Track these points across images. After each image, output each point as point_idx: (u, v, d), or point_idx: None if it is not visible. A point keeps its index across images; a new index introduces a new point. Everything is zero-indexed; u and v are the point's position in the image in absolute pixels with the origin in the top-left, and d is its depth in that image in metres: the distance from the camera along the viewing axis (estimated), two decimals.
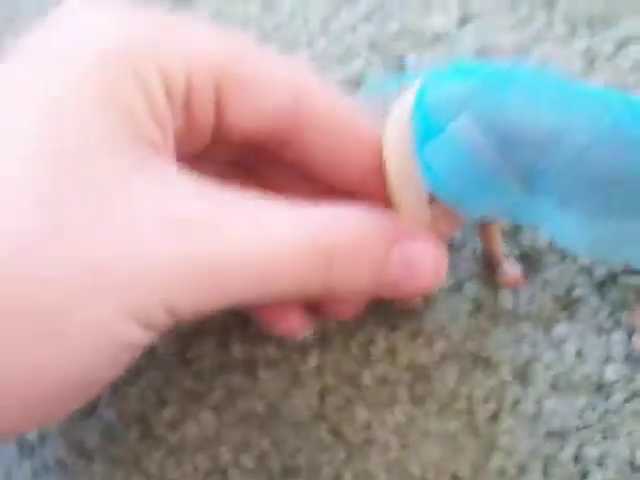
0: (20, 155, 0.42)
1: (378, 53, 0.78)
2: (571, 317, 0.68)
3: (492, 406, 0.58)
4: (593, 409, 0.62)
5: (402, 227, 0.57)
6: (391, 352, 0.61)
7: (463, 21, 0.81)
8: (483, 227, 0.75)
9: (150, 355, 0.56)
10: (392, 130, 0.69)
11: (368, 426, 0.56)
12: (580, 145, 0.64)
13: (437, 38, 0.85)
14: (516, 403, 0.58)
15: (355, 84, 0.73)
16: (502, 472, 0.54)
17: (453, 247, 0.70)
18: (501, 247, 0.77)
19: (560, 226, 0.66)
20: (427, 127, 0.66)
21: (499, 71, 0.67)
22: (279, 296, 0.47)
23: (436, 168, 0.65)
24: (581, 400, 0.59)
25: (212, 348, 0.57)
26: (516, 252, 0.72)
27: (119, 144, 0.44)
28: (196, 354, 0.56)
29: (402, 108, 0.68)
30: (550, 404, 0.57)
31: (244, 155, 0.55)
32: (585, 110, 0.67)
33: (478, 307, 0.73)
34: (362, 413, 0.58)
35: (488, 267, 0.77)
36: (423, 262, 0.58)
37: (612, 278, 0.87)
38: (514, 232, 0.75)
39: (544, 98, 0.66)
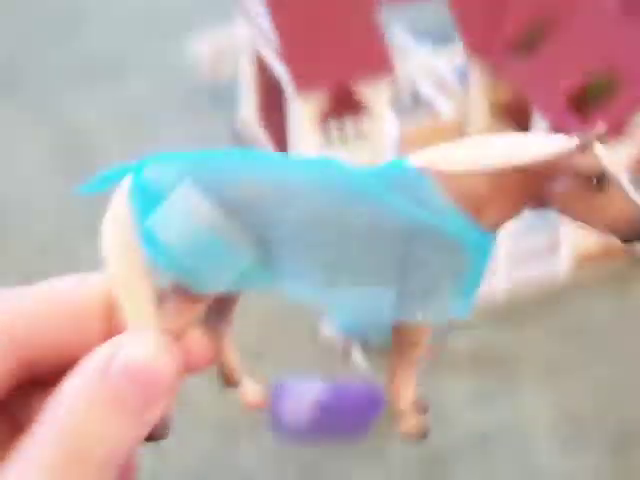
0: None
1: None
2: None
3: None
4: None
5: (120, 348, 0.62)
6: None
7: None
8: (217, 341, 0.77)
9: None
10: (109, 227, 0.70)
11: None
12: (305, 207, 0.71)
13: None
14: None
15: None
16: None
17: None
18: (239, 367, 0.78)
19: (297, 284, 0.72)
20: (147, 201, 0.67)
21: (210, 153, 0.72)
22: None
23: (161, 239, 0.66)
24: None
25: None
26: None
27: None
28: None
29: (116, 201, 0.70)
30: None
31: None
32: (305, 176, 0.73)
33: None
34: None
35: (227, 384, 0.79)
36: (147, 369, 0.61)
37: None
38: None
39: (262, 169, 0.71)
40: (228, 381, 0.80)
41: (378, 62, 6.33)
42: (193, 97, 7.78)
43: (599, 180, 0.78)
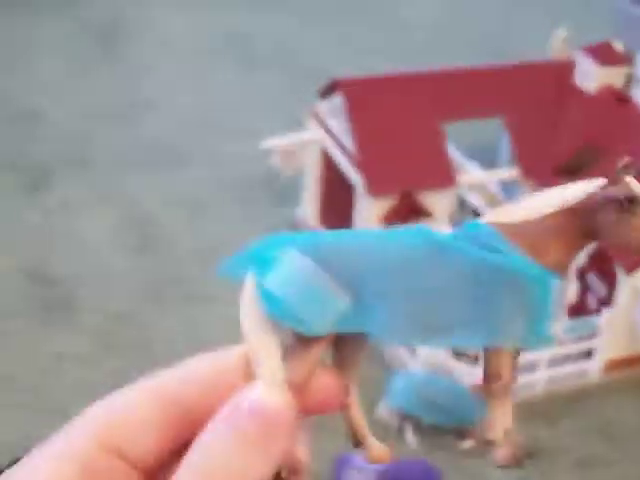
0: None
1: None
2: None
3: None
4: None
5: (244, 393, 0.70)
6: None
7: None
8: (346, 410, 0.87)
9: None
10: (245, 304, 0.83)
11: None
12: (389, 260, 0.82)
13: None
14: None
15: None
16: None
17: None
18: (364, 424, 0.87)
19: (385, 327, 0.80)
20: (263, 267, 0.80)
21: (311, 233, 0.85)
22: None
23: (277, 294, 0.78)
24: None
25: None
26: None
27: None
28: None
29: (247, 281, 0.84)
30: None
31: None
32: (391, 241, 0.84)
33: None
34: None
35: (356, 445, 0.88)
36: (269, 407, 0.68)
37: None
38: None
39: (348, 235, 0.84)
40: (356, 441, 0.88)
41: (442, 175, 7.05)
42: (253, 190, 8.16)
43: (630, 202, 0.86)
